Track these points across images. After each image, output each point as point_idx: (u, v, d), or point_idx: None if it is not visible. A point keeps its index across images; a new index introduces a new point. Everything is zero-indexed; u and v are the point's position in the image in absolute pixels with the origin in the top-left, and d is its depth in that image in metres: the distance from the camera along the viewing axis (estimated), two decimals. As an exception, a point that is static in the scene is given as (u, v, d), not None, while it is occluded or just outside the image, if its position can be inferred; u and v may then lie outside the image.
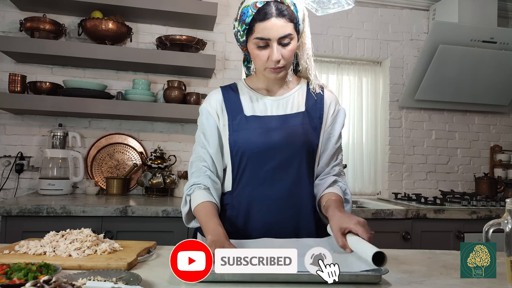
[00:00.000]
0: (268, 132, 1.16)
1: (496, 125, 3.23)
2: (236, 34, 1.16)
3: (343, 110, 1.27)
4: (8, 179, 2.47)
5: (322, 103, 1.24)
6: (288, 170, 1.16)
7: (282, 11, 1.08)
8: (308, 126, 1.19)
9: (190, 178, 1.21)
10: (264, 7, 1.08)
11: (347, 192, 1.22)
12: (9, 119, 2.50)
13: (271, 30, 1.08)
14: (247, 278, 0.82)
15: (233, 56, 2.79)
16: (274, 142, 1.15)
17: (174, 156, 2.62)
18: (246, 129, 1.17)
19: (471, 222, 2.29)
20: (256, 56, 1.13)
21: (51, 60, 2.46)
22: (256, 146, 1.15)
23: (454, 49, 2.74)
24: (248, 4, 1.10)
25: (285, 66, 1.14)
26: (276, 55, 1.10)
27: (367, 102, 3.10)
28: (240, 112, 1.19)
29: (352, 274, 0.84)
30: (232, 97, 1.22)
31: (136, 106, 2.38)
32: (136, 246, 1.08)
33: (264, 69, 1.15)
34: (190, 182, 1.20)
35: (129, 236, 1.85)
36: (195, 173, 1.20)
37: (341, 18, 2.96)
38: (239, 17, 1.13)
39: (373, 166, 3.09)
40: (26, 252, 0.98)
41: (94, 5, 2.43)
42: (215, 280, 0.82)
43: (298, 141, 1.16)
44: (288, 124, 1.18)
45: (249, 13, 1.09)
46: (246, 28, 1.11)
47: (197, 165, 1.20)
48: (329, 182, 1.20)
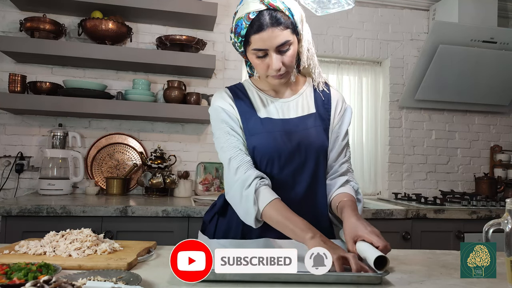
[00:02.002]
0: (285, 135, 1.15)
1: (496, 125, 3.23)
2: (234, 44, 1.14)
3: (350, 108, 1.27)
4: (8, 179, 2.47)
5: (329, 103, 1.23)
6: (305, 172, 1.16)
7: (277, 19, 1.05)
8: (321, 128, 1.19)
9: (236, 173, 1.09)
10: (258, 18, 1.05)
11: (359, 192, 1.22)
12: (9, 119, 2.50)
13: (267, 41, 1.05)
14: (248, 278, 0.82)
15: (233, 56, 2.79)
16: (292, 145, 1.15)
17: (174, 156, 2.62)
18: (263, 132, 1.14)
19: (471, 222, 2.29)
20: (257, 66, 1.12)
21: (51, 60, 2.46)
22: (275, 150, 1.13)
23: (454, 49, 2.74)
24: (241, 16, 1.07)
25: (287, 71, 1.13)
26: (275, 64, 1.08)
27: (367, 102, 3.10)
28: (254, 114, 1.17)
29: (354, 275, 0.84)
30: (242, 98, 1.20)
31: (136, 106, 2.38)
32: (136, 246, 1.08)
33: (266, 76, 1.14)
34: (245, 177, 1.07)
35: (129, 236, 1.86)
36: (242, 166, 1.09)
37: (341, 18, 2.96)
38: (234, 29, 1.10)
39: (373, 166, 3.09)
40: (26, 252, 0.98)
41: (94, 5, 2.43)
42: (217, 279, 0.82)
43: (314, 144, 1.16)
44: (303, 126, 1.17)
45: (243, 25, 1.06)
46: (243, 40, 1.09)
47: (241, 158, 1.10)
48: (341, 182, 1.20)
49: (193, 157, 2.72)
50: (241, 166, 1.09)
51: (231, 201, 1.13)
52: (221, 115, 1.17)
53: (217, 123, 1.18)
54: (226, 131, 1.15)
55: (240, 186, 1.07)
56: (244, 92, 1.22)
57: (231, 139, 1.13)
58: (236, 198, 1.09)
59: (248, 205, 1.05)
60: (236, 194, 1.08)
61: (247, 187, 1.05)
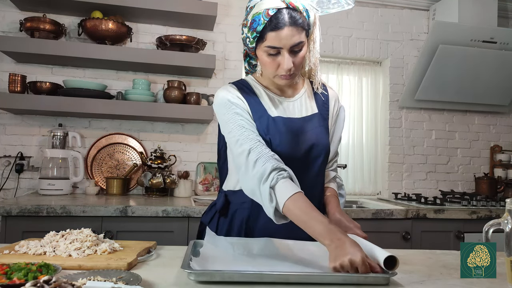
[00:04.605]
0: (296, 135, 1.16)
1: (496, 125, 3.23)
2: (245, 40, 1.12)
3: (343, 107, 1.32)
4: (8, 179, 2.47)
5: (328, 102, 1.27)
6: (312, 170, 1.19)
7: (295, 20, 1.06)
8: (323, 128, 1.22)
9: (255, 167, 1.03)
10: (276, 15, 1.04)
11: (343, 188, 1.31)
12: (9, 119, 2.50)
13: (284, 39, 1.05)
14: (256, 278, 0.82)
15: (233, 56, 2.79)
16: (303, 146, 1.16)
17: (174, 156, 2.62)
18: (277, 131, 1.14)
19: (471, 222, 2.29)
20: (266, 64, 1.11)
21: (51, 60, 2.46)
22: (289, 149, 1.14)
23: (454, 49, 2.74)
24: (259, 11, 1.06)
25: (295, 73, 1.13)
26: (287, 64, 1.08)
27: (367, 102, 3.10)
28: (265, 112, 1.16)
29: (361, 276, 0.84)
30: (249, 94, 1.19)
31: (136, 106, 2.38)
32: (136, 246, 1.08)
33: (274, 76, 1.14)
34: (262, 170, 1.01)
35: (129, 236, 1.86)
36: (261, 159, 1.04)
37: (341, 18, 2.96)
38: (249, 24, 1.08)
39: (373, 166, 3.09)
40: (26, 252, 0.98)
41: (94, 5, 2.43)
42: (224, 280, 0.81)
43: (322, 143, 1.20)
44: (310, 126, 1.20)
45: (261, 21, 1.05)
46: (257, 36, 1.08)
47: (261, 150, 1.05)
48: (330, 177, 1.28)
49: (193, 157, 2.72)
50: (260, 158, 1.04)
51: (250, 196, 1.08)
52: (232, 108, 1.13)
53: (229, 116, 1.13)
54: (240, 124, 1.10)
55: (258, 180, 1.02)
56: (250, 88, 1.21)
57: (247, 132, 1.09)
58: (256, 193, 1.04)
59: (264, 202, 1.01)
60: (255, 188, 1.03)
61: (264, 181, 1.01)
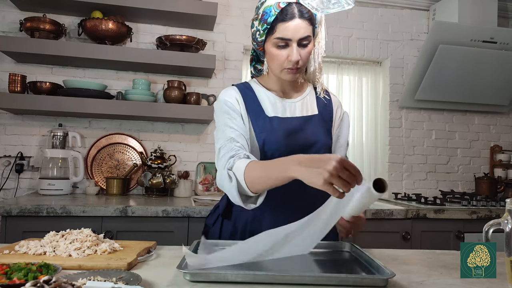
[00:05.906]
0: (293, 134, 1.18)
1: (496, 125, 3.23)
2: (255, 33, 1.17)
3: (347, 113, 1.34)
4: (8, 179, 2.47)
5: (330, 106, 1.29)
6: None
7: (304, 13, 1.12)
8: (324, 128, 1.24)
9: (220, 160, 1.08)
10: (287, 8, 1.11)
11: None
12: (9, 119, 2.50)
13: (293, 30, 1.10)
14: (250, 279, 0.82)
15: (233, 56, 2.79)
16: (299, 144, 1.17)
17: (174, 156, 2.62)
18: (272, 130, 1.17)
19: (471, 222, 2.29)
20: (274, 56, 1.15)
21: (51, 60, 2.46)
22: (284, 147, 1.15)
23: (454, 49, 2.74)
24: (270, 4, 1.12)
25: (301, 68, 1.16)
26: (295, 55, 1.12)
27: (367, 102, 3.10)
28: (262, 113, 1.20)
29: (357, 277, 0.84)
30: (250, 96, 1.22)
31: (136, 106, 2.38)
32: (136, 246, 1.08)
33: (281, 70, 1.16)
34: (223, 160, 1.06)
35: (129, 236, 1.86)
36: (226, 153, 1.08)
37: (341, 18, 2.96)
38: (260, 17, 1.14)
39: (373, 166, 3.09)
40: (26, 252, 0.98)
41: (94, 5, 2.43)
42: (218, 280, 0.81)
43: (319, 142, 1.20)
44: (308, 126, 1.21)
45: (272, 13, 1.11)
46: (267, 27, 1.13)
47: (229, 147, 1.09)
48: None
49: (193, 157, 2.72)
50: (226, 153, 1.07)
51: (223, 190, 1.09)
52: (224, 107, 1.19)
53: (219, 114, 1.19)
54: (225, 123, 1.15)
55: (220, 171, 1.06)
56: (251, 90, 1.24)
57: (227, 130, 1.13)
58: (221, 183, 1.06)
59: (226, 186, 1.03)
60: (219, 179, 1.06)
61: (223, 168, 1.05)
